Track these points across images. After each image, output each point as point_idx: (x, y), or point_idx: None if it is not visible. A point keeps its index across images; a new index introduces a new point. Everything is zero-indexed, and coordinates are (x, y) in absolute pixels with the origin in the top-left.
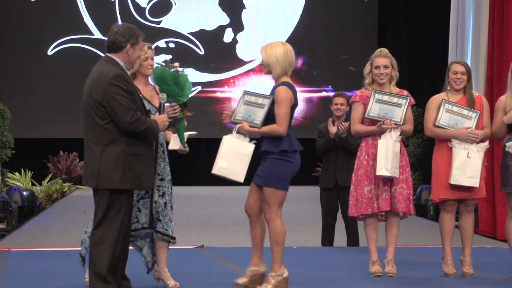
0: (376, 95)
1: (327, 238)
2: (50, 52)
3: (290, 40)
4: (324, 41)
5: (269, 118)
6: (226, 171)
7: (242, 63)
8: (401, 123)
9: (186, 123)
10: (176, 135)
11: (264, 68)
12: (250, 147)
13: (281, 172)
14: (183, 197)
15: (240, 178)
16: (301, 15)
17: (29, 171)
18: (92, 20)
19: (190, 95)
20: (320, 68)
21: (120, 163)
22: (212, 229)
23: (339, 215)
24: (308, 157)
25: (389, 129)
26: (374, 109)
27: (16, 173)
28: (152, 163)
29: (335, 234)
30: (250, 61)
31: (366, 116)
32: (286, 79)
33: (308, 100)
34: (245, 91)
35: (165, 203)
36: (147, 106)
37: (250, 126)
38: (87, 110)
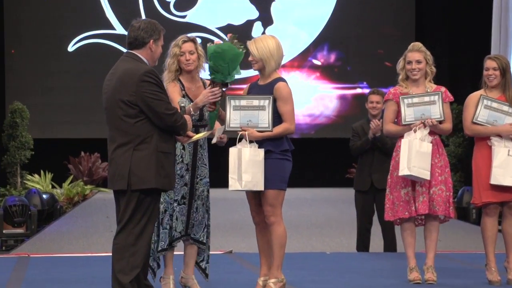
0: (405, 100)
1: (363, 243)
2: (70, 48)
3: (322, 34)
4: (359, 35)
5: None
6: (251, 184)
7: None
8: (443, 118)
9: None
10: (222, 127)
11: (254, 64)
12: (261, 152)
13: (284, 172)
14: (210, 200)
15: (261, 186)
16: (334, 7)
17: (49, 173)
18: (114, 14)
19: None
20: (354, 64)
21: (153, 162)
22: (241, 234)
23: (375, 218)
24: (342, 157)
25: (414, 128)
26: (409, 114)
27: (36, 175)
28: (174, 161)
29: (371, 239)
30: None
31: (403, 123)
32: (278, 74)
33: (342, 97)
34: (228, 97)
35: (207, 210)
36: (188, 103)
37: (258, 131)
38: (113, 110)
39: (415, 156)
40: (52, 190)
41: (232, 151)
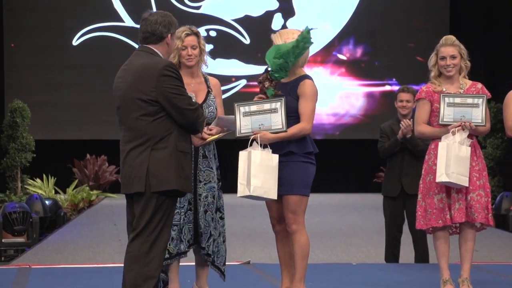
0: (446, 98)
1: (392, 253)
2: (75, 42)
3: (348, 27)
4: (388, 28)
5: (288, 114)
6: (260, 190)
7: None
8: (484, 124)
9: None
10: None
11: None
12: (275, 158)
13: (308, 176)
14: (226, 207)
15: (274, 195)
16: None
17: (52, 177)
18: (122, 5)
19: None
20: (382, 59)
21: (173, 162)
22: (259, 243)
23: (406, 227)
24: (369, 160)
25: (452, 130)
26: (448, 114)
27: (38, 180)
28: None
29: (401, 248)
30: None
31: (440, 122)
32: (304, 71)
33: (369, 95)
34: (237, 104)
35: (213, 218)
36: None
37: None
38: (128, 109)
39: (454, 161)
40: (55, 195)
41: (242, 154)
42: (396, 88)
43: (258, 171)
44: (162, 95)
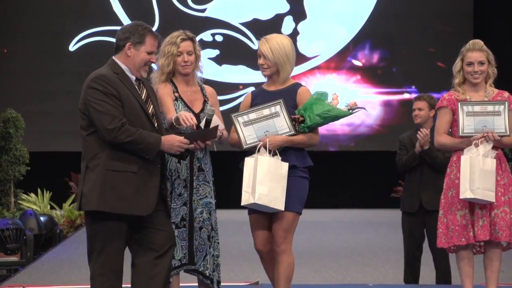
0: (464, 107)
1: (411, 274)
2: (72, 47)
3: (364, 31)
4: (406, 31)
5: None
6: (266, 199)
7: (304, 59)
8: (508, 134)
9: None
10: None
11: (266, 68)
12: (285, 166)
13: (305, 192)
14: (232, 223)
15: (281, 205)
16: (377, 1)
17: (47, 192)
18: (123, 8)
19: None
20: (401, 65)
21: (99, 181)
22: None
23: (426, 245)
24: (387, 174)
25: (475, 142)
26: (468, 124)
27: (32, 194)
28: (154, 182)
29: (421, 268)
30: (314, 57)
31: (460, 134)
32: (293, 81)
33: (387, 104)
34: (234, 115)
35: (209, 236)
36: (181, 108)
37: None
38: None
39: (479, 175)
40: (51, 211)
41: (248, 161)
42: (415, 96)
43: (265, 179)
44: (86, 108)
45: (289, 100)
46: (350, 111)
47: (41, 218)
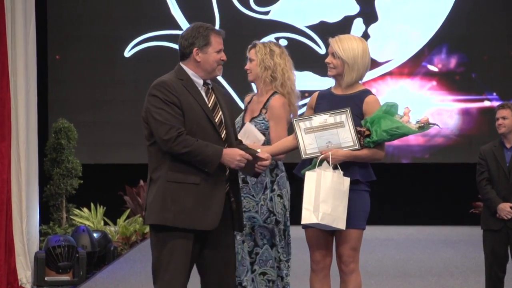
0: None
1: None
2: (127, 53)
3: (440, 34)
4: (487, 34)
5: None
6: (329, 218)
7: (375, 64)
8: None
9: None
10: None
11: (332, 68)
12: (346, 181)
13: (368, 207)
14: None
15: (342, 225)
16: (455, 1)
17: (101, 207)
18: (181, 11)
19: None
20: (481, 70)
21: (159, 194)
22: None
23: (510, 265)
24: (465, 187)
25: None
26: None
27: (85, 209)
28: (218, 195)
29: None
30: (386, 62)
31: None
32: (363, 87)
33: (465, 112)
34: (295, 119)
35: (250, 251)
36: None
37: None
38: None
39: None
40: (105, 227)
41: (309, 176)
42: (496, 104)
43: (328, 196)
44: (146, 116)
45: (354, 108)
46: (421, 129)
47: (95, 235)
